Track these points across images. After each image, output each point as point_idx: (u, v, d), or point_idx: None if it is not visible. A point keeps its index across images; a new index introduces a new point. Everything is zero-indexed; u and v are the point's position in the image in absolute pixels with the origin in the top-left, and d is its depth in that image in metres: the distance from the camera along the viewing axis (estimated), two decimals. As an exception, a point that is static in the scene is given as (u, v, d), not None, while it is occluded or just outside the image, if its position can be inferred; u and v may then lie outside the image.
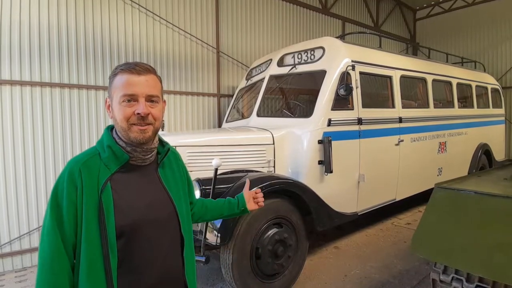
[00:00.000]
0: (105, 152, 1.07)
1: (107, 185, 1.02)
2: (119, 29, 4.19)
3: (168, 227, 1.13)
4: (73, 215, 0.99)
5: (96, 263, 0.98)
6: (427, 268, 3.31)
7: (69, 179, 1.00)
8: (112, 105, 1.07)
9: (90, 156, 1.06)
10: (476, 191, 1.60)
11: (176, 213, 1.15)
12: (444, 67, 5.37)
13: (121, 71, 1.05)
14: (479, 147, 5.76)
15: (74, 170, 1.01)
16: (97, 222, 0.98)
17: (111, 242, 0.98)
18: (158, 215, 1.10)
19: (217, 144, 3.08)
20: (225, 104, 5.33)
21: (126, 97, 1.03)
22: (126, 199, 1.04)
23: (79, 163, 1.03)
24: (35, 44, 3.58)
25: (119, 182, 1.05)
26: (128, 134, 1.05)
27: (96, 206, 0.99)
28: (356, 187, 3.62)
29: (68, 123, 3.81)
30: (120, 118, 1.04)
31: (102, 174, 1.03)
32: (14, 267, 3.49)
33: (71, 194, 0.99)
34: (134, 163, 1.10)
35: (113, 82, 1.06)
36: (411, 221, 4.82)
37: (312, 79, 3.79)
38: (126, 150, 1.07)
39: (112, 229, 0.99)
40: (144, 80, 1.05)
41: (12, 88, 3.47)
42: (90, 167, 1.03)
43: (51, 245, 0.97)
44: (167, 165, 1.20)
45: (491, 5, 8.13)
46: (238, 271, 2.56)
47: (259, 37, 5.78)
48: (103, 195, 1.00)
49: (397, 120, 4.07)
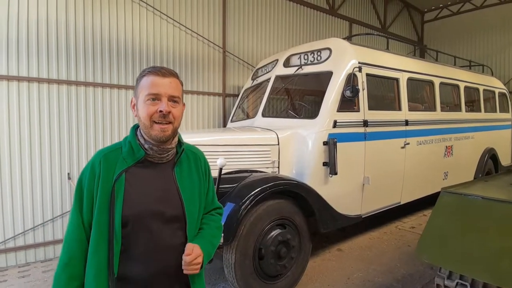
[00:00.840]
0: (125, 147, 1.18)
1: (122, 176, 1.12)
2: (126, 27, 4.21)
3: (172, 224, 1.17)
4: (90, 200, 1.13)
5: (101, 245, 1.09)
6: (431, 273, 3.28)
7: (92, 168, 1.15)
8: (137, 104, 1.17)
9: (113, 149, 1.19)
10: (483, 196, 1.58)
11: (184, 213, 1.18)
12: (451, 70, 5.32)
13: (148, 73, 1.15)
14: (486, 151, 5.71)
15: (97, 160, 1.15)
16: (107, 208, 1.09)
17: (116, 229, 1.08)
18: (164, 210, 1.15)
19: (222, 143, 3.08)
20: (230, 103, 5.33)
21: (151, 96, 1.12)
22: (136, 191, 1.13)
23: (101, 154, 1.17)
24: (43, 42, 3.61)
25: (133, 175, 1.15)
26: (149, 132, 1.14)
27: (109, 193, 1.10)
28: (360, 190, 3.60)
29: (74, 120, 3.83)
30: (144, 115, 1.13)
31: (119, 166, 1.14)
32: (17, 262, 3.51)
33: (90, 181, 1.13)
34: (151, 160, 1.18)
35: (140, 83, 1.16)
36: (416, 225, 4.78)
37: (318, 80, 3.78)
38: (143, 147, 1.16)
39: (119, 216, 1.09)
40: (168, 82, 1.15)
41: (19, 84, 3.50)
42: (110, 158, 1.16)
43: (73, 221, 1.14)
44: (185, 165, 1.25)
45: (500, 9, 8.05)
46: (241, 271, 2.55)
47: (265, 37, 5.78)
48: (116, 184, 1.11)
49: (404, 122, 4.04)
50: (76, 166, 3.85)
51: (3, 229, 3.43)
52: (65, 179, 3.77)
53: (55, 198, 3.72)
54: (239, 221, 2.50)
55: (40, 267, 3.49)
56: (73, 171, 3.83)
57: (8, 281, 3.19)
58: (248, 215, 2.56)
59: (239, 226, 2.52)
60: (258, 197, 2.57)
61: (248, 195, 2.56)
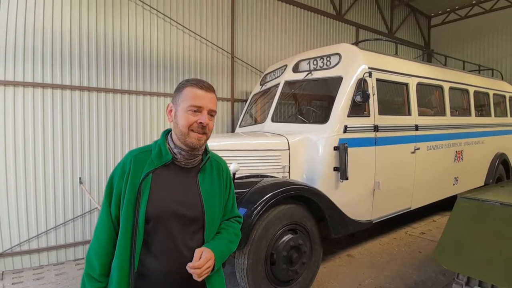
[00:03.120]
0: (155, 149, 1.26)
1: (149, 176, 1.20)
2: (137, 33, 4.27)
3: (191, 227, 1.23)
4: (119, 195, 1.21)
5: (126, 238, 1.17)
6: (444, 280, 3.24)
7: (122, 167, 1.23)
8: (177, 112, 1.23)
9: (144, 150, 1.27)
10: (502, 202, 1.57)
11: (203, 216, 1.24)
12: (461, 75, 5.30)
13: (192, 85, 1.22)
14: (496, 156, 5.65)
15: (127, 160, 1.24)
16: (133, 205, 1.17)
17: (140, 224, 1.16)
18: (185, 212, 1.21)
19: (234, 148, 3.10)
20: (239, 108, 5.36)
21: (194, 107, 1.19)
22: (161, 190, 1.20)
23: (132, 154, 1.25)
24: (57, 49, 3.68)
25: (160, 176, 1.22)
26: (185, 138, 1.21)
27: (136, 191, 1.18)
28: (371, 195, 3.58)
29: (86, 126, 3.89)
30: (183, 124, 1.20)
31: (147, 167, 1.21)
32: (32, 265, 3.56)
33: (120, 178, 1.22)
34: (178, 164, 1.25)
35: (183, 92, 1.22)
36: (425, 231, 4.74)
37: (328, 86, 3.79)
38: (172, 152, 1.24)
39: (143, 212, 1.16)
40: (210, 97, 1.24)
41: (34, 90, 3.57)
42: (140, 159, 1.23)
43: (102, 218, 1.23)
44: (208, 172, 1.32)
45: (510, 12, 7.99)
46: (253, 276, 2.55)
47: (273, 43, 5.82)
48: (143, 183, 1.18)
49: (413, 127, 4.03)
50: (88, 171, 3.90)
51: (18, 231, 3.48)
52: (77, 184, 3.82)
53: (67, 202, 3.77)
54: (251, 226, 2.51)
55: (52, 270, 3.52)
56: (84, 176, 3.88)
57: (24, 283, 3.24)
58: (260, 220, 2.57)
59: (252, 231, 2.53)
60: (270, 202, 2.58)
61: (260, 200, 2.56)
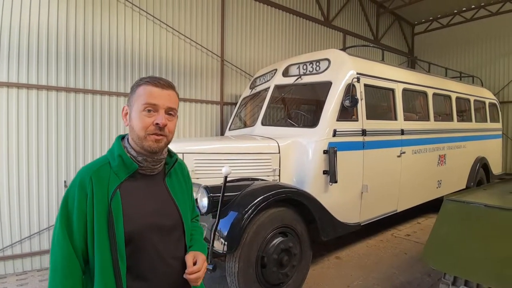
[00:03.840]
0: (115, 161, 1.10)
1: (117, 193, 1.05)
2: (126, 35, 4.23)
3: (173, 235, 1.15)
4: (83, 224, 1.02)
5: (107, 268, 1.02)
6: (429, 280, 3.32)
7: (80, 188, 1.04)
8: (131, 114, 1.11)
9: (101, 164, 1.09)
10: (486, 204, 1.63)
11: (182, 222, 1.18)
12: (443, 81, 5.48)
13: (146, 82, 1.10)
14: (477, 160, 5.85)
15: (85, 179, 1.04)
16: (106, 229, 1.02)
17: (120, 248, 1.02)
18: (164, 222, 1.12)
19: (224, 152, 3.10)
20: (228, 112, 5.37)
21: (148, 106, 1.08)
22: (134, 206, 1.08)
23: (90, 171, 1.06)
24: (43, 49, 3.60)
25: (128, 190, 1.08)
26: (142, 143, 1.09)
27: (106, 213, 1.02)
28: (359, 198, 3.65)
29: (72, 128, 3.81)
30: (139, 127, 1.08)
31: (112, 183, 1.06)
32: (15, 270, 3.44)
33: (81, 203, 1.03)
34: (143, 172, 1.13)
35: (136, 92, 1.11)
36: (411, 233, 4.85)
37: (317, 90, 3.85)
38: (136, 160, 1.11)
39: (121, 235, 1.02)
40: (167, 94, 1.11)
41: (19, 91, 3.47)
42: (100, 175, 1.06)
43: (62, 252, 1.01)
44: (174, 175, 1.24)
45: (489, 21, 8.34)
46: (244, 279, 2.55)
47: (262, 47, 5.86)
48: (112, 203, 1.03)
49: (400, 132, 4.13)
50: (73, 174, 3.82)
51: (1, 237, 3.37)
52: (62, 187, 3.73)
53: (52, 206, 3.67)
54: (242, 229, 2.51)
55: (36, 276, 3.42)
56: (70, 179, 3.79)
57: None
58: (251, 224, 2.57)
59: (243, 235, 2.53)
60: (261, 205, 2.59)
61: (251, 204, 2.57)
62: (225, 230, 2.48)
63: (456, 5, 8.57)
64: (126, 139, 1.15)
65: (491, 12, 8.28)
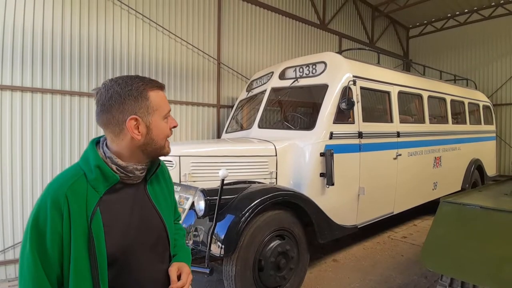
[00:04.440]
0: (92, 173, 0.95)
1: (97, 211, 0.92)
2: (122, 38, 4.22)
3: (158, 247, 1.08)
4: (57, 246, 0.88)
5: None
6: (426, 282, 3.33)
7: (53, 206, 0.89)
8: (151, 124, 0.99)
9: (76, 178, 0.94)
10: (481, 206, 1.65)
11: (166, 231, 1.10)
12: (438, 84, 5.53)
13: (156, 88, 1.01)
14: (472, 162, 5.90)
15: (59, 196, 0.89)
16: (86, 252, 0.89)
17: (102, 272, 0.91)
18: (148, 237, 1.04)
19: (221, 154, 3.10)
20: (225, 114, 5.37)
21: (168, 114, 1.04)
22: (116, 223, 0.96)
23: (63, 187, 0.91)
24: (38, 52, 3.58)
25: (108, 205, 0.96)
26: (161, 152, 1.05)
27: (85, 235, 0.90)
28: (356, 200, 3.65)
29: (67, 132, 3.78)
30: (162, 136, 1.03)
31: (91, 199, 0.92)
32: (7, 276, 3.39)
33: (56, 222, 0.88)
34: (124, 181, 1.01)
35: (150, 100, 0.99)
36: (407, 235, 4.86)
37: (314, 93, 3.87)
38: (124, 171, 0.99)
39: (104, 258, 0.91)
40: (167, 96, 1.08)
41: (13, 93, 3.44)
42: (76, 191, 0.91)
43: (34, 280, 0.88)
44: (155, 181, 1.12)
45: (482, 25, 8.46)
46: (241, 283, 2.54)
47: (259, 50, 5.88)
48: (93, 224, 0.90)
49: (395, 134, 4.16)
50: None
51: None
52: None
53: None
54: (239, 232, 2.50)
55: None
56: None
57: (-2, 296, 3.08)
58: (248, 227, 2.56)
59: (240, 238, 2.51)
60: (258, 208, 2.58)
61: (248, 207, 2.56)
62: (222, 233, 2.47)
63: (450, 9, 8.69)
64: (103, 145, 1.01)
65: (483, 16, 8.40)
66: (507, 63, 8.02)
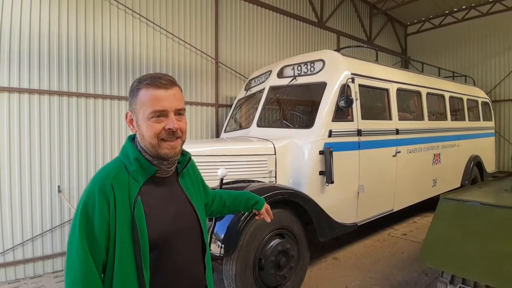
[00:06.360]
0: (132, 165, 1.04)
1: (138, 200, 1.00)
2: (119, 38, 4.20)
3: (191, 236, 1.14)
4: (105, 231, 0.96)
5: (130, 278, 0.97)
6: (426, 279, 3.33)
7: (101, 194, 0.97)
8: (138, 121, 1.04)
9: (118, 170, 1.03)
10: (482, 202, 1.64)
11: (199, 221, 1.17)
12: (437, 81, 5.52)
13: (147, 85, 1.01)
14: (471, 158, 5.90)
15: (106, 185, 0.98)
16: (130, 238, 0.97)
17: (145, 256, 0.98)
18: (183, 225, 1.11)
19: (220, 154, 3.09)
20: (223, 114, 5.36)
21: (156, 113, 1.01)
22: (155, 211, 1.04)
23: (109, 177, 1.00)
24: (35, 53, 3.56)
25: (147, 195, 1.04)
26: (157, 150, 1.04)
27: (129, 222, 0.97)
28: (356, 198, 3.65)
29: (65, 132, 3.76)
30: (150, 135, 1.02)
31: (132, 189, 1.01)
32: (7, 278, 3.38)
33: (103, 209, 0.96)
34: (159, 175, 1.09)
35: (138, 97, 1.02)
36: (407, 232, 4.86)
37: (312, 91, 3.85)
38: (153, 164, 1.06)
39: (146, 243, 0.98)
40: (172, 94, 1.03)
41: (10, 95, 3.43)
42: (120, 181, 1.00)
43: (82, 263, 0.93)
44: (186, 174, 1.21)
45: (480, 22, 8.45)
46: (241, 282, 2.53)
47: (257, 48, 5.87)
48: (135, 211, 0.98)
49: (394, 131, 4.15)
50: (67, 179, 3.77)
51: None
52: (55, 192, 3.68)
53: (45, 212, 3.62)
54: (239, 232, 2.49)
55: (30, 284, 3.36)
56: (64, 184, 3.74)
57: (-2, 299, 3.07)
58: (248, 226, 2.56)
59: (240, 237, 2.51)
60: (257, 207, 2.57)
61: (248, 205, 2.55)
62: (222, 233, 2.47)
63: (447, 6, 8.68)
64: (137, 140, 1.08)
65: (481, 12, 8.39)
66: (505, 59, 8.02)
